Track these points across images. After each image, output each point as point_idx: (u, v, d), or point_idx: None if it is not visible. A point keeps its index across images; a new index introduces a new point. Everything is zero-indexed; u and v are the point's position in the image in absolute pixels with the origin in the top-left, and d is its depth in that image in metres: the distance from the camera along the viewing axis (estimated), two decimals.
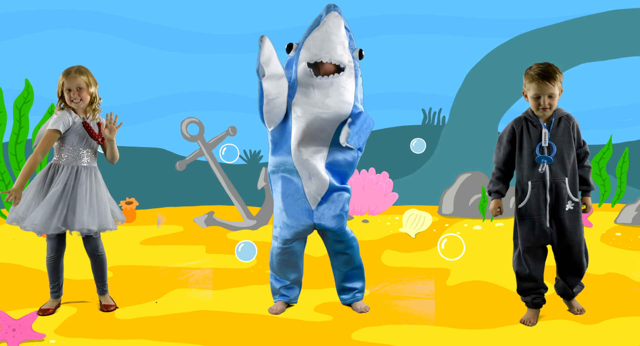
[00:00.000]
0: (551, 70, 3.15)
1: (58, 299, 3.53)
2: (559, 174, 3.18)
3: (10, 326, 2.99)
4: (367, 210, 6.63)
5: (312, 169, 3.28)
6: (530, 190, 3.21)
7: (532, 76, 3.16)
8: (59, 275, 3.52)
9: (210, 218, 5.89)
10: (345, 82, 3.32)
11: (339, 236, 3.42)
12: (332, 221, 3.35)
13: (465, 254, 4.78)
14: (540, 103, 3.15)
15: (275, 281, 3.55)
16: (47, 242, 3.49)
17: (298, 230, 3.37)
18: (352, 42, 3.36)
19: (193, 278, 4.19)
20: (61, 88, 3.39)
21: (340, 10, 3.32)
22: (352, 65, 3.35)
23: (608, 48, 7.55)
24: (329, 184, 3.31)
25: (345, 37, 3.32)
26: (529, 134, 3.21)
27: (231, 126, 6.11)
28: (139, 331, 3.18)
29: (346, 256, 3.48)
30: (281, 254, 3.46)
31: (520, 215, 3.25)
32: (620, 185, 6.82)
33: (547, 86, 3.13)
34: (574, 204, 3.21)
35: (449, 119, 7.85)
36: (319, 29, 3.28)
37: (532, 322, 3.22)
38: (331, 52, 3.27)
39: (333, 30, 3.27)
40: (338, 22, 3.28)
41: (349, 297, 3.53)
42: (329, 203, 3.34)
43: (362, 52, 3.39)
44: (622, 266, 4.36)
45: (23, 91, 5.94)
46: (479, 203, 6.30)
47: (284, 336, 3.09)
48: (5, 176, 6.07)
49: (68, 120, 3.37)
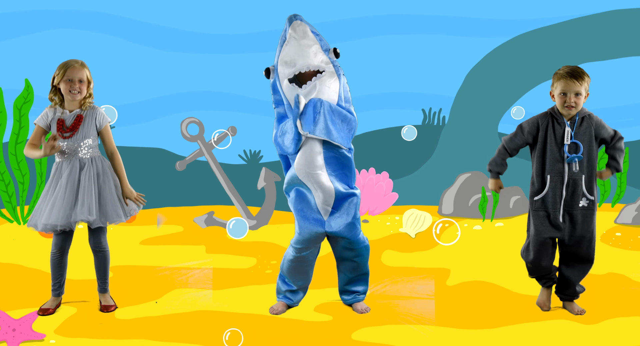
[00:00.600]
0: (580, 70, 3.26)
1: (59, 298, 3.53)
2: (578, 172, 3.26)
3: (10, 326, 2.99)
4: (367, 210, 6.63)
5: (315, 181, 3.30)
6: (548, 184, 3.28)
7: (560, 74, 3.27)
8: (62, 272, 3.51)
9: (210, 218, 5.89)
10: (329, 82, 3.32)
11: (352, 244, 3.42)
12: (344, 230, 3.35)
13: (465, 254, 4.78)
14: (567, 100, 3.23)
15: (282, 283, 3.56)
16: (54, 237, 3.48)
17: (309, 238, 3.38)
18: (323, 43, 3.36)
19: (193, 278, 4.19)
20: (60, 78, 3.40)
21: (301, 17, 3.32)
22: (330, 65, 3.34)
23: (608, 48, 7.54)
24: (334, 193, 3.32)
25: (314, 41, 3.31)
26: (554, 131, 3.28)
27: (231, 126, 6.11)
28: (139, 331, 3.18)
29: (354, 263, 3.49)
30: (293, 261, 3.47)
31: (536, 207, 3.33)
32: (620, 185, 6.82)
33: (575, 83, 3.22)
34: (589, 202, 3.29)
35: (449, 119, 7.84)
36: (287, 43, 3.30)
37: (547, 306, 3.42)
38: (306, 60, 3.28)
39: (301, 39, 3.28)
40: (303, 29, 3.29)
41: (350, 298, 3.54)
42: (340, 212, 3.35)
43: (336, 50, 3.38)
44: (622, 266, 4.36)
45: (23, 91, 5.94)
46: (479, 203, 6.30)
47: (284, 336, 3.10)
48: (5, 176, 6.07)
49: (47, 117, 3.44)
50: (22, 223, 5.97)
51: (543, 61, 7.29)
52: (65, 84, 3.39)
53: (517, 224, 6.02)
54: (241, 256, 4.81)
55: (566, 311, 3.41)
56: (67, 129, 3.41)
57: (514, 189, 6.60)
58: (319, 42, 3.33)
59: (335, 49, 3.37)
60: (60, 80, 3.40)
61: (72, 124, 3.41)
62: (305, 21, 3.31)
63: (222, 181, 6.07)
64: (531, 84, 7.48)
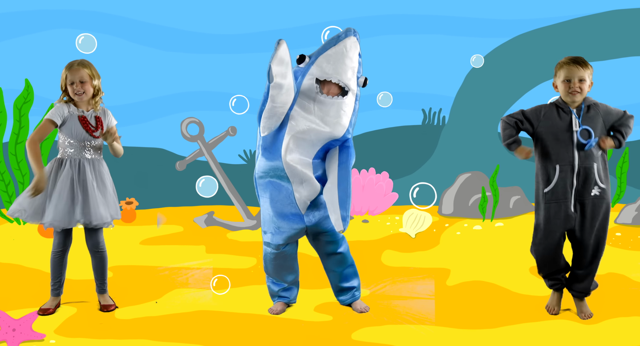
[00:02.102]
0: (582, 58, 3.24)
1: (58, 298, 3.52)
2: (588, 160, 3.20)
3: (10, 326, 2.99)
4: (367, 210, 6.63)
5: (304, 175, 3.29)
6: (558, 174, 3.22)
7: (563, 62, 3.25)
8: (62, 271, 3.50)
9: (210, 218, 5.89)
10: (347, 106, 3.34)
11: (331, 236, 3.43)
12: (322, 222, 3.37)
13: (465, 254, 4.78)
14: (571, 86, 3.19)
15: (273, 285, 3.55)
16: (54, 236, 3.47)
17: (290, 234, 3.37)
18: (360, 69, 3.39)
19: (193, 278, 4.19)
20: (65, 81, 3.40)
21: (358, 36, 3.34)
22: (355, 91, 3.37)
23: (608, 48, 7.55)
24: (319, 190, 3.33)
25: (357, 63, 3.35)
26: (560, 119, 3.23)
27: (231, 126, 6.12)
28: (139, 331, 3.18)
29: (339, 255, 3.49)
30: (275, 260, 3.46)
31: (547, 199, 3.26)
32: (620, 185, 6.82)
33: (578, 69, 3.19)
34: (601, 190, 3.23)
35: (449, 119, 7.84)
36: (335, 48, 3.29)
37: (556, 310, 3.35)
38: (342, 74, 3.28)
39: (348, 54, 3.29)
40: (354, 47, 3.31)
41: (348, 297, 3.53)
42: (317, 205, 3.36)
43: (366, 80, 3.41)
44: (622, 266, 4.36)
45: (23, 91, 5.94)
46: (479, 203, 6.30)
47: (284, 336, 3.09)
48: (5, 176, 6.07)
49: (63, 112, 3.39)
50: (22, 223, 5.97)
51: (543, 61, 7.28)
52: (70, 88, 3.39)
53: (517, 224, 6.02)
54: (241, 256, 4.81)
55: (566, 312, 3.40)
56: (95, 128, 3.42)
57: (514, 189, 6.61)
58: (358, 65, 3.36)
59: (365, 79, 3.40)
60: (65, 84, 3.41)
61: (96, 125, 3.43)
62: (359, 41, 3.34)
63: (222, 181, 6.08)
64: (531, 84, 7.49)
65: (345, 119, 3.35)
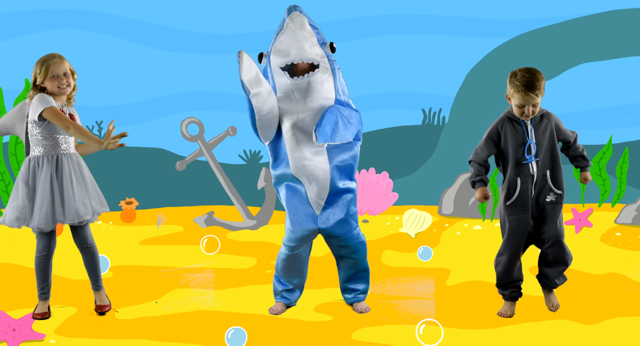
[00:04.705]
0: (535, 80, 3.21)
1: (47, 301, 3.43)
2: (542, 167, 3.28)
3: (10, 326, 2.99)
4: (367, 210, 6.63)
5: (310, 174, 3.28)
6: (520, 186, 3.28)
7: (517, 86, 3.23)
8: (49, 275, 3.40)
9: (210, 218, 5.89)
10: (322, 79, 3.29)
11: (344, 241, 3.40)
12: (336, 226, 3.34)
13: (465, 254, 4.78)
14: (525, 111, 3.24)
15: (279, 284, 3.55)
16: (38, 240, 3.36)
17: (302, 235, 3.36)
18: (320, 36, 3.33)
19: (194, 281, 4.19)
20: (43, 77, 3.26)
21: (300, 8, 3.30)
22: (325, 60, 3.31)
23: (608, 48, 7.53)
24: (329, 187, 3.30)
25: (311, 34, 3.29)
26: (515, 132, 3.29)
27: (231, 126, 6.11)
28: (139, 331, 3.18)
29: (352, 260, 3.48)
30: (287, 261, 3.46)
31: (510, 212, 3.32)
32: (620, 185, 6.81)
33: (532, 97, 3.20)
34: (556, 196, 3.31)
35: (449, 119, 7.84)
36: (283, 32, 3.27)
37: (509, 314, 3.35)
38: (301, 51, 3.25)
39: (297, 30, 3.25)
40: (301, 21, 3.27)
41: (351, 297, 3.54)
42: (334, 208, 3.33)
43: (333, 44, 3.36)
44: (622, 266, 4.36)
45: (23, 91, 5.94)
46: (479, 203, 6.30)
47: (284, 336, 3.10)
48: (5, 176, 6.07)
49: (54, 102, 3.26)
50: None
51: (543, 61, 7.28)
52: (51, 82, 3.26)
53: None
54: (241, 256, 4.81)
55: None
56: None
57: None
58: (316, 35, 3.30)
59: (331, 43, 3.35)
60: (44, 79, 3.26)
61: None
62: (304, 13, 3.30)
63: (222, 181, 6.07)
64: None
65: (328, 87, 3.29)
